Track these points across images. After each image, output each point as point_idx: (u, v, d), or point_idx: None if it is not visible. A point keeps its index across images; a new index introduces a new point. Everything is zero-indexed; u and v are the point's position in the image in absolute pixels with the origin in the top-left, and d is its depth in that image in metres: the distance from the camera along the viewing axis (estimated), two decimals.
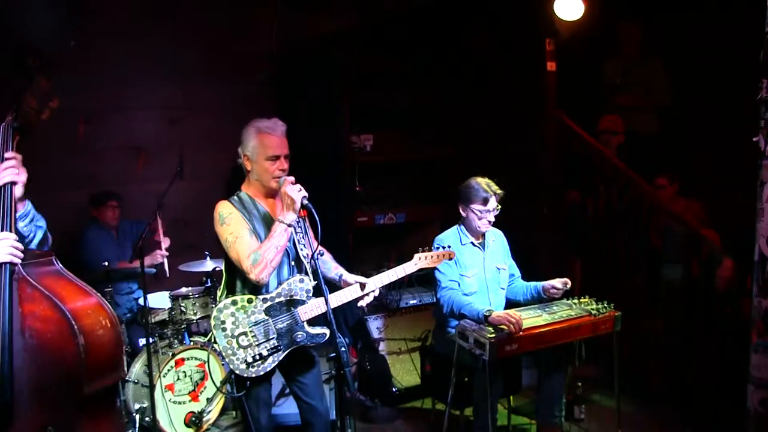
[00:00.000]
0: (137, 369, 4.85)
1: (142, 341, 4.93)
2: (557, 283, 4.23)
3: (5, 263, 2.46)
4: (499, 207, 4.26)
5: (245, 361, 3.33)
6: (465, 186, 4.31)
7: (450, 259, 3.85)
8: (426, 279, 5.91)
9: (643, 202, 5.36)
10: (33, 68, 2.60)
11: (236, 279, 3.44)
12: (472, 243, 4.36)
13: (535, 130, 5.92)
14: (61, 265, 2.66)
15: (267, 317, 3.36)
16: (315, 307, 3.39)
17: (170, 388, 4.77)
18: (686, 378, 5.02)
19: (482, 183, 4.25)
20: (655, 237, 5.43)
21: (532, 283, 4.44)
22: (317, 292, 3.36)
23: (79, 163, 6.05)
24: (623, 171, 5.47)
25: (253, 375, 3.35)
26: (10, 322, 2.43)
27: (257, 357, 3.34)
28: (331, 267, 3.73)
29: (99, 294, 2.63)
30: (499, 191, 4.25)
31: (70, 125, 5.93)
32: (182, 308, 5.01)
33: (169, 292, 5.21)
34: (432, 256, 3.73)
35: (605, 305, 4.20)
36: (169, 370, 4.77)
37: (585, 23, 5.53)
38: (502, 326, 3.87)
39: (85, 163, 6.08)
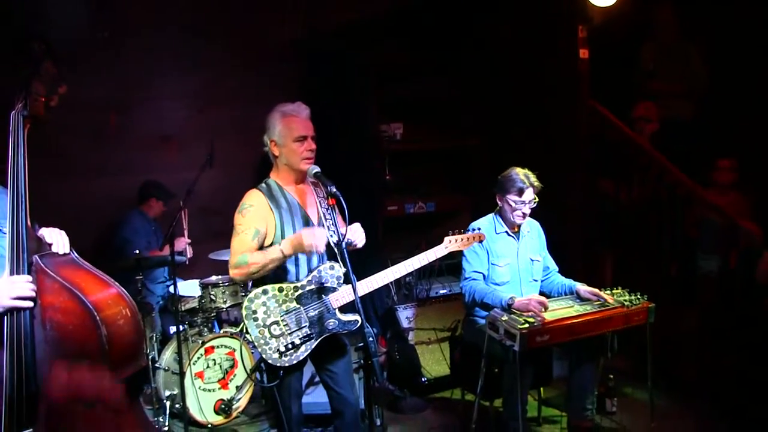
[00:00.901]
0: (168, 356, 4.89)
1: (174, 329, 4.96)
2: (592, 295, 4.16)
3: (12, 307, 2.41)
4: (536, 200, 4.19)
5: (278, 350, 3.32)
6: (503, 175, 4.27)
7: (480, 241, 3.82)
8: (456, 268, 5.85)
9: (679, 191, 5.26)
10: (39, 54, 2.57)
11: None
12: (506, 232, 4.31)
13: (567, 118, 5.84)
14: (76, 254, 2.65)
15: (298, 305, 3.35)
16: (346, 294, 3.38)
17: (200, 375, 4.80)
18: (722, 372, 4.92)
19: (520, 173, 4.19)
20: (691, 227, 5.32)
21: (567, 282, 4.38)
22: (347, 278, 3.34)
23: (109, 153, 6.10)
24: (658, 159, 5.37)
25: (286, 364, 3.34)
26: (30, 314, 2.42)
27: (290, 346, 3.33)
28: None
29: (117, 283, 2.61)
30: (537, 183, 4.18)
31: (101, 115, 5.99)
32: (212, 296, 5.03)
33: (199, 280, 5.22)
34: (462, 239, 3.69)
35: (638, 297, 4.13)
36: (198, 358, 4.79)
37: (618, 9, 5.41)
38: (529, 311, 3.85)
39: (115, 153, 6.13)
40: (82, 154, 5.83)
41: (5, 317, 2.41)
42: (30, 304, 2.41)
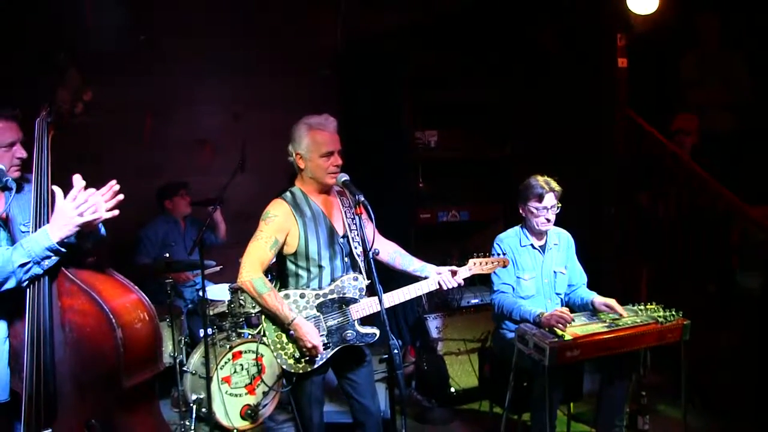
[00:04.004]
0: (195, 360, 4.90)
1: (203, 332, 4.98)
2: (606, 307, 4.05)
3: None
4: (559, 205, 4.12)
5: (293, 356, 3.31)
6: (523, 184, 4.22)
7: (504, 266, 3.77)
8: (489, 278, 5.80)
9: (719, 205, 5.11)
10: (64, 63, 2.63)
11: (289, 275, 3.42)
12: (531, 245, 4.24)
13: (605, 129, 5.74)
14: (95, 257, 2.69)
15: (318, 313, 3.33)
16: (367, 306, 3.36)
17: (227, 380, 4.79)
18: (760, 393, 4.75)
19: (540, 180, 4.14)
20: (731, 242, 5.17)
21: (587, 295, 4.27)
22: (371, 291, 3.31)
23: (147, 155, 6.18)
24: (697, 172, 5.23)
25: (301, 371, 3.33)
26: (50, 315, 2.47)
27: (305, 353, 3.30)
28: (413, 260, 3.70)
29: (138, 288, 2.65)
30: (557, 188, 4.11)
31: (139, 119, 6.08)
32: (241, 301, 5.03)
33: (228, 284, 5.23)
34: (486, 263, 3.65)
35: (673, 313, 4.01)
36: (226, 363, 4.79)
37: (658, 17, 5.30)
38: (557, 327, 3.79)
39: (152, 156, 6.21)
40: (118, 156, 5.91)
41: (27, 291, 2.48)
42: (101, 214, 2.53)
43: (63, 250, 2.47)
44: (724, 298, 5.15)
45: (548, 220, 4.14)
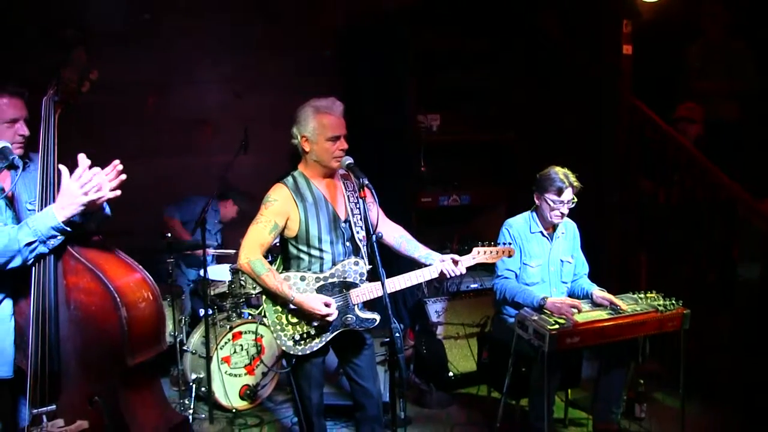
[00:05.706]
0: (196, 339, 4.92)
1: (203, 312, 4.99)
2: (605, 301, 4.06)
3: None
4: (575, 200, 4.11)
5: (293, 338, 3.32)
6: (543, 174, 4.20)
7: (510, 256, 3.73)
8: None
9: (721, 194, 5.10)
10: (71, 41, 2.62)
11: (291, 258, 3.42)
12: (541, 233, 4.25)
13: (608, 116, 5.71)
14: (101, 237, 2.70)
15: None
16: (368, 291, 3.36)
17: (227, 360, 4.82)
18: (759, 383, 4.77)
19: (560, 173, 4.11)
20: (733, 232, 5.17)
21: (587, 286, 4.29)
22: (373, 275, 3.31)
23: (147, 135, 6.15)
24: (700, 161, 5.22)
25: (300, 353, 3.33)
26: (55, 293, 2.48)
27: (305, 335, 3.32)
28: (418, 246, 3.65)
29: (141, 266, 2.66)
30: (576, 183, 4.10)
31: (139, 98, 6.05)
32: (242, 282, 5.04)
33: (230, 265, 5.24)
34: (491, 252, 3.61)
35: (673, 302, 4.03)
36: (226, 343, 4.81)
37: (666, 4, 5.27)
38: (561, 314, 3.80)
39: (152, 135, 6.18)
40: (120, 135, 5.88)
41: (32, 269, 2.50)
42: (105, 193, 2.50)
43: (68, 229, 2.47)
44: (724, 287, 5.15)
45: (563, 214, 4.16)
